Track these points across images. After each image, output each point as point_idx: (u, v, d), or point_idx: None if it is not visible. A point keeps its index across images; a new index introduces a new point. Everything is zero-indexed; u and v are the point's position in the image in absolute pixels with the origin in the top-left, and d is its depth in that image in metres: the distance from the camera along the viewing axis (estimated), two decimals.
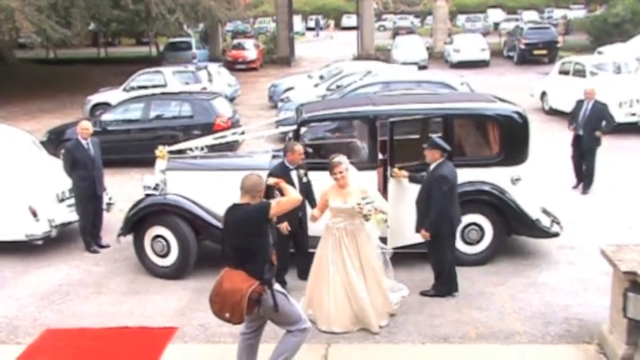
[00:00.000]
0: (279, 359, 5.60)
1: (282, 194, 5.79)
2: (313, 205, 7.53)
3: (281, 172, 7.23)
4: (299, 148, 7.58)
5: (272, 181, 6.06)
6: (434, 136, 7.88)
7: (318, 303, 6.86)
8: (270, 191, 5.89)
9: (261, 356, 5.81)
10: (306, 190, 7.55)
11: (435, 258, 7.57)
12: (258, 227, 5.30)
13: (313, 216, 7.03)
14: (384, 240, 7.64)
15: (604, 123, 11.62)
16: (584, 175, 11.63)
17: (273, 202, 5.44)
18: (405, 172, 7.97)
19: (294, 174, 7.47)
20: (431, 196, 7.27)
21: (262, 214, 5.31)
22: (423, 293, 7.58)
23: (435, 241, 7.35)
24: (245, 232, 5.29)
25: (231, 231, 5.41)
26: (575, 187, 11.67)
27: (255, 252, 5.30)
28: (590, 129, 11.44)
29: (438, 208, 7.23)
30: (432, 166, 7.40)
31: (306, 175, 7.62)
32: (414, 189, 7.77)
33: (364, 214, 6.69)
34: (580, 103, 11.82)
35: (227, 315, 5.29)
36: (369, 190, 7.03)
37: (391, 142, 8.16)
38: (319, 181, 7.49)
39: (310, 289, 7.05)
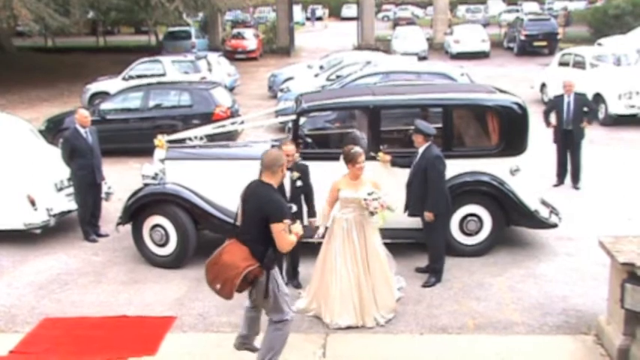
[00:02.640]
0: (268, 355, 5.61)
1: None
2: (311, 210, 7.42)
3: None
4: (288, 148, 7.05)
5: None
6: (418, 120, 7.90)
7: (324, 296, 6.82)
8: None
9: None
10: (304, 193, 7.27)
11: (433, 239, 7.66)
12: (267, 220, 5.24)
13: (324, 209, 6.92)
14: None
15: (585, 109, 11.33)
16: (573, 170, 11.29)
17: (283, 226, 5.26)
18: (387, 157, 8.01)
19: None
20: (428, 178, 7.37)
21: (272, 218, 5.23)
22: (425, 285, 7.59)
23: (434, 222, 7.46)
24: (259, 217, 5.27)
25: (247, 206, 5.39)
26: (557, 185, 11.31)
27: (264, 234, 5.27)
28: (579, 122, 11.13)
29: (437, 188, 7.38)
30: (420, 150, 7.50)
31: (299, 179, 7.19)
32: (401, 173, 7.85)
33: (370, 211, 6.65)
34: (559, 97, 11.39)
35: (218, 286, 5.30)
36: (378, 182, 6.96)
37: (378, 127, 8.27)
38: (316, 169, 7.48)
39: (316, 282, 6.98)
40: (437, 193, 7.39)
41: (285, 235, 5.27)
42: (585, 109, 11.37)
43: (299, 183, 7.21)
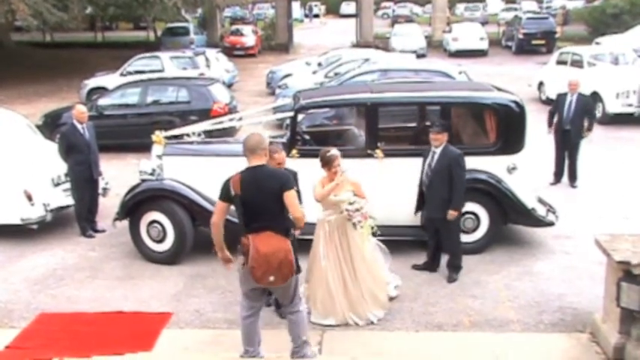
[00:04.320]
0: (303, 337, 5.75)
1: None
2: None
3: None
4: (278, 156, 6.47)
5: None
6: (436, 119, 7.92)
7: (313, 297, 6.82)
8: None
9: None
10: None
11: (453, 236, 7.70)
12: (280, 192, 5.28)
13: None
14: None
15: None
16: (570, 169, 11.25)
17: (294, 192, 5.40)
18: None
19: None
20: (454, 176, 7.40)
21: (285, 186, 5.31)
22: (452, 280, 7.63)
23: (455, 220, 7.53)
24: (271, 193, 5.27)
25: (254, 191, 5.30)
26: (553, 184, 11.26)
27: (279, 212, 5.32)
28: (578, 123, 11.06)
29: (463, 184, 7.47)
30: (438, 150, 7.47)
31: None
32: (397, 170, 7.95)
33: (353, 223, 6.59)
34: (562, 96, 11.31)
35: (271, 278, 5.27)
36: (358, 182, 6.88)
37: (375, 125, 8.27)
38: (313, 166, 7.45)
39: (307, 283, 6.98)
40: (462, 190, 7.47)
41: (298, 202, 5.41)
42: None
43: None
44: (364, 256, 6.82)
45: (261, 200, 5.29)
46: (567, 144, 11.17)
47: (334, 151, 6.74)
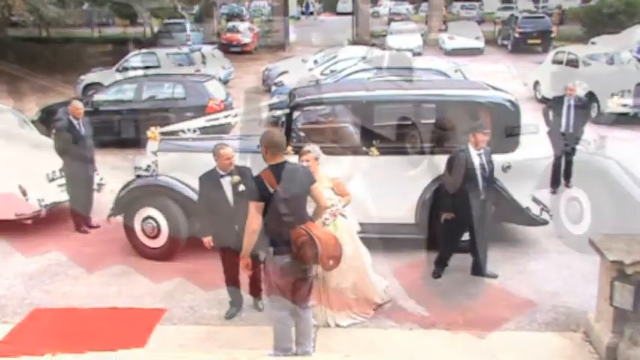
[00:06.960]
0: (312, 335, 5.89)
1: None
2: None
3: (210, 178, 6.65)
4: (225, 152, 6.59)
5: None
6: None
7: None
8: None
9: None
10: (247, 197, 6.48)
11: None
12: (309, 185, 5.59)
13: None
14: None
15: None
16: (566, 169, 10.75)
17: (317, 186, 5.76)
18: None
19: (225, 181, 6.60)
20: (490, 172, 7.50)
21: (313, 179, 5.66)
22: (491, 275, 7.66)
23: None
24: (303, 187, 5.50)
25: (290, 187, 5.39)
26: (554, 192, 10.68)
27: (305, 204, 5.59)
28: (577, 126, 10.93)
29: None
30: (482, 151, 7.48)
31: (241, 182, 6.58)
32: (391, 168, 7.98)
33: (322, 221, 6.39)
34: (559, 99, 11.13)
35: (331, 262, 5.45)
36: (337, 180, 6.81)
37: (371, 122, 8.30)
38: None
39: None
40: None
41: (323, 197, 5.83)
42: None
43: (241, 187, 6.56)
44: (346, 260, 6.39)
45: (295, 194, 5.44)
46: (565, 147, 11.09)
47: (307, 148, 6.63)
